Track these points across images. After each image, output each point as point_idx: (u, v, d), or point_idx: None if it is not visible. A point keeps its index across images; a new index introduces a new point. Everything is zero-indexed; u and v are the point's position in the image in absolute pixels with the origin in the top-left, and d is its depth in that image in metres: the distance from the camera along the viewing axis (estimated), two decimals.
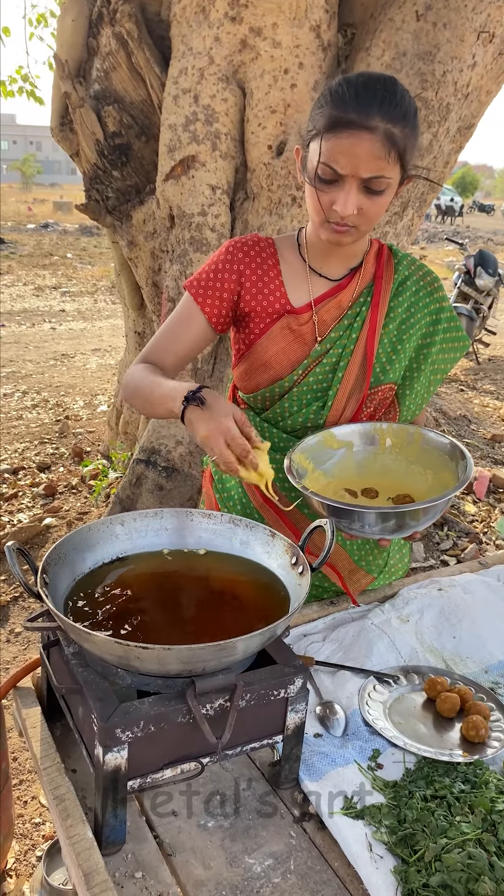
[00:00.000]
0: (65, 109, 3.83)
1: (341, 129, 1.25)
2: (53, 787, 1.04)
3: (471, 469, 1.37)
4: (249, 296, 1.49)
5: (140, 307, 4.33)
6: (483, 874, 0.94)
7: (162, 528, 1.30)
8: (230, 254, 1.49)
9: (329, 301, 1.49)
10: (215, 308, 1.48)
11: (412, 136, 1.30)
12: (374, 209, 1.32)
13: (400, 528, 1.30)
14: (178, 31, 3.25)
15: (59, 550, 1.14)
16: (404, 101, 1.27)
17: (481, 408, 6.73)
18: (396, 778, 1.13)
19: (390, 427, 1.52)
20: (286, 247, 1.52)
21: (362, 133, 1.24)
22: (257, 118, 3.20)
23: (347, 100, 1.25)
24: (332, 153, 1.27)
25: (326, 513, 1.31)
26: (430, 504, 1.27)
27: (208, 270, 1.49)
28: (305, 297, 1.49)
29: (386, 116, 1.24)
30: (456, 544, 4.07)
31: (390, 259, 1.55)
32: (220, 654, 0.95)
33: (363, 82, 1.26)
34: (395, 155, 1.27)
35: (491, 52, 3.13)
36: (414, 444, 1.50)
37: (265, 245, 1.51)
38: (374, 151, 1.25)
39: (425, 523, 1.32)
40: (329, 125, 1.26)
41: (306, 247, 1.51)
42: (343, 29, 3.29)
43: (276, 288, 1.49)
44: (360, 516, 1.28)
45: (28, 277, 13.30)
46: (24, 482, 4.61)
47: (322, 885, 0.97)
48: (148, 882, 0.96)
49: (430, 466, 1.47)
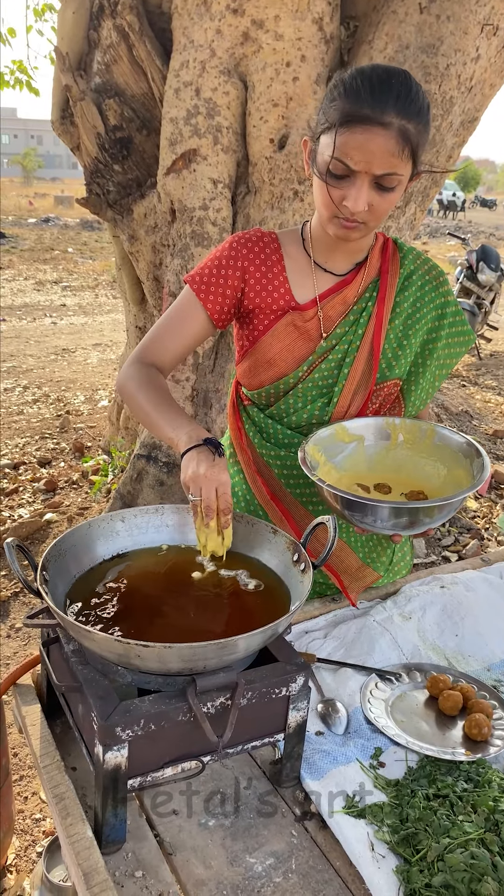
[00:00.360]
0: (65, 102, 3.81)
1: (355, 124, 1.22)
2: (53, 785, 1.03)
3: (487, 467, 1.35)
4: (253, 292, 1.46)
5: (141, 302, 4.31)
6: (486, 874, 0.93)
7: (163, 524, 1.29)
8: (234, 249, 1.46)
9: (334, 297, 1.47)
10: (217, 304, 1.46)
11: (425, 133, 1.27)
12: (385, 205, 1.30)
13: (413, 524, 1.29)
14: (179, 23, 3.23)
15: (58, 547, 1.13)
16: (419, 96, 1.24)
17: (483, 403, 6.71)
18: (398, 776, 1.13)
19: (403, 422, 1.50)
20: (290, 241, 1.50)
21: (377, 129, 1.21)
22: (259, 111, 3.18)
23: (362, 94, 1.21)
24: (345, 148, 1.24)
25: (340, 506, 1.30)
26: (446, 502, 1.26)
27: (211, 266, 1.46)
28: (310, 293, 1.47)
29: (401, 112, 1.21)
30: (457, 540, 4.07)
31: (396, 253, 1.53)
32: (221, 652, 0.94)
33: (378, 76, 1.23)
34: (408, 151, 1.25)
35: (495, 44, 3.11)
36: (427, 439, 1.49)
37: (269, 240, 1.48)
38: (389, 148, 1.22)
39: (439, 521, 1.31)
40: (343, 119, 1.23)
41: (311, 241, 1.48)
42: (346, 21, 3.26)
43: (280, 284, 1.47)
44: (373, 511, 1.27)
45: (29, 272, 13.27)
46: (25, 477, 4.60)
47: (323, 884, 0.97)
48: (148, 881, 0.95)
49: (444, 463, 1.45)
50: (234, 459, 1.64)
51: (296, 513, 1.56)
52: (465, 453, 1.42)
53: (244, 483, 1.61)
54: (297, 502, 1.56)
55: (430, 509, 1.27)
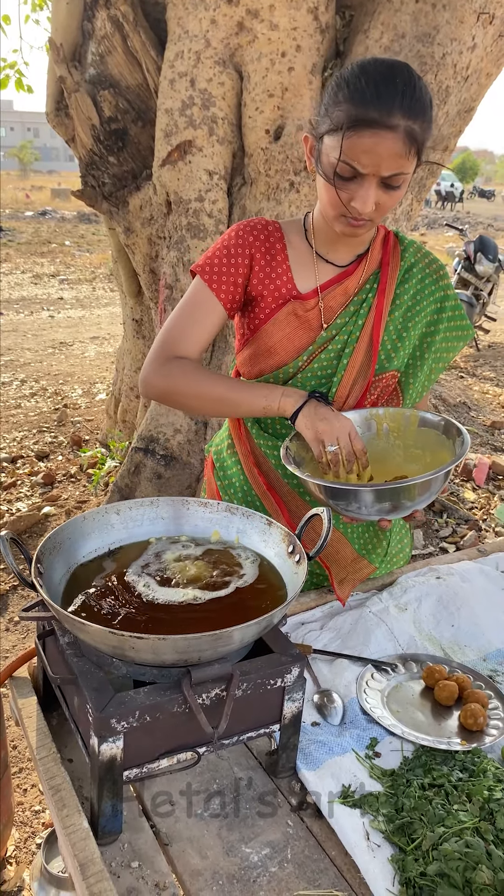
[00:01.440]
0: (60, 94, 3.79)
1: (363, 128, 1.21)
2: (49, 777, 1.03)
3: (467, 444, 1.36)
4: (257, 280, 1.47)
5: (137, 294, 4.30)
6: (480, 863, 0.94)
7: (158, 516, 1.29)
8: (241, 237, 1.46)
9: (335, 287, 1.48)
10: (229, 294, 1.46)
11: (429, 129, 1.27)
12: (390, 202, 1.31)
13: (396, 508, 1.29)
14: (174, 13, 3.21)
15: (53, 540, 1.13)
16: (423, 93, 1.24)
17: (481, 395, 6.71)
18: (394, 766, 1.13)
19: (387, 412, 1.51)
20: (293, 232, 1.50)
21: (384, 132, 1.21)
22: (255, 102, 3.17)
23: (368, 96, 1.20)
24: (352, 152, 1.23)
25: (323, 495, 1.31)
26: (424, 479, 1.26)
27: (220, 255, 1.45)
28: (312, 283, 1.48)
29: (407, 112, 1.21)
30: (455, 531, 4.07)
31: (397, 246, 1.53)
32: (216, 643, 0.94)
33: (382, 75, 1.22)
34: (414, 150, 1.25)
35: (491, 33, 3.09)
36: (411, 426, 1.49)
37: (273, 229, 1.49)
38: (396, 150, 1.22)
39: (423, 501, 1.31)
40: (350, 123, 1.22)
41: (313, 232, 1.49)
42: (341, 11, 3.25)
43: (283, 273, 1.47)
44: (356, 496, 1.28)
45: (26, 265, 13.24)
46: (23, 471, 4.60)
47: (319, 873, 0.97)
48: (144, 872, 0.96)
49: (428, 448, 1.46)
50: (233, 450, 1.64)
51: (291, 503, 1.56)
52: (448, 434, 1.43)
53: (242, 474, 1.62)
54: (295, 493, 1.56)
55: (411, 489, 1.27)
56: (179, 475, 3.61)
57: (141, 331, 4.45)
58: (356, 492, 1.28)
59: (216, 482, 1.68)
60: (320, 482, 1.29)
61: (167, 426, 3.61)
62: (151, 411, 3.68)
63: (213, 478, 1.70)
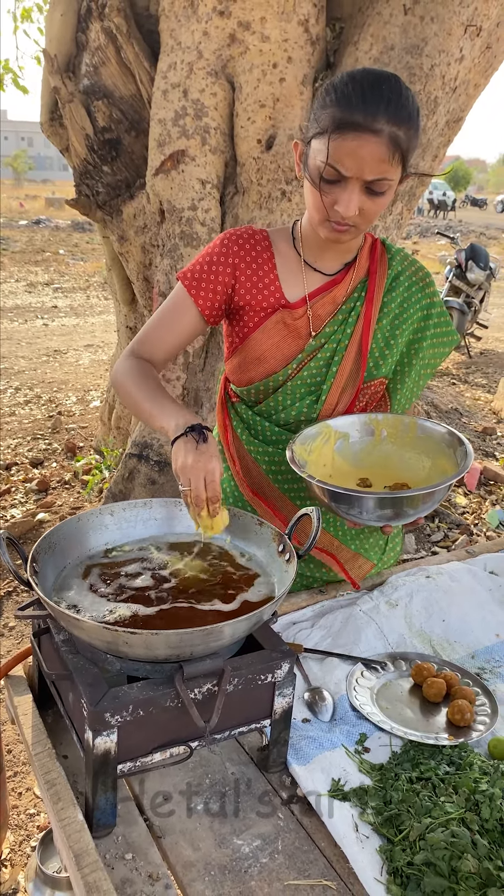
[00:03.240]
0: (54, 104, 3.83)
1: (347, 131, 1.23)
2: (45, 771, 1.05)
3: (471, 456, 1.37)
4: (244, 289, 1.48)
5: (131, 302, 4.33)
6: (466, 852, 0.96)
7: (151, 517, 1.31)
8: (225, 246, 1.48)
9: (324, 296, 1.49)
10: (208, 301, 1.48)
11: (415, 137, 1.29)
12: (375, 209, 1.33)
13: (398, 515, 1.32)
14: (166, 25, 3.25)
15: (48, 540, 1.15)
16: (409, 101, 1.26)
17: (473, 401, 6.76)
18: (383, 761, 1.15)
19: (386, 417, 1.53)
20: (281, 240, 1.52)
21: (368, 136, 1.23)
22: (246, 112, 3.21)
23: (353, 100, 1.23)
24: (337, 154, 1.26)
25: (328, 499, 1.33)
26: (429, 491, 1.29)
27: (202, 262, 1.48)
28: (300, 292, 1.49)
29: (392, 118, 1.23)
30: (447, 536, 4.10)
31: (384, 254, 1.55)
32: (207, 638, 0.97)
33: (369, 82, 1.25)
34: (398, 157, 1.27)
35: (478, 45, 3.14)
36: (410, 433, 1.51)
37: (260, 238, 1.50)
38: (380, 154, 1.24)
39: (425, 510, 1.33)
40: (335, 126, 1.24)
41: (301, 240, 1.50)
42: (331, 23, 3.30)
43: (270, 282, 1.49)
44: (360, 502, 1.30)
45: (20, 274, 13.26)
46: (17, 478, 4.61)
47: (309, 864, 0.99)
48: (138, 863, 0.98)
49: (428, 454, 1.48)
50: (221, 456, 1.67)
51: (283, 506, 1.59)
52: (448, 443, 1.45)
53: (231, 479, 1.64)
54: (286, 497, 1.58)
55: (415, 498, 1.29)
56: (173, 480, 3.63)
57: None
58: (360, 498, 1.30)
59: None
60: (325, 486, 1.31)
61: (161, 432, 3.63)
62: None
63: None
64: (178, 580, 1.17)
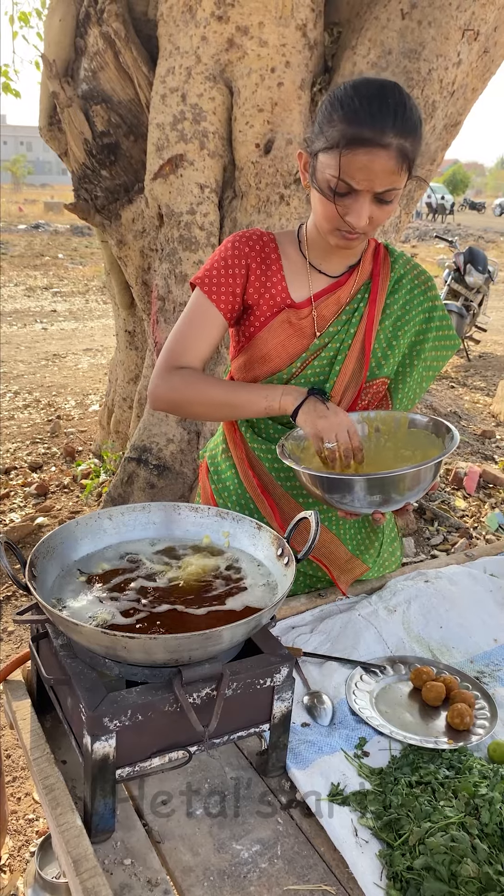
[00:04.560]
0: (53, 109, 3.84)
1: (358, 147, 1.26)
2: (43, 777, 1.05)
3: (456, 439, 1.39)
4: (253, 289, 1.51)
5: (130, 306, 4.34)
6: (466, 856, 0.96)
7: (149, 521, 1.31)
8: (237, 248, 1.51)
9: (328, 297, 1.52)
10: (228, 303, 1.50)
11: (419, 145, 1.33)
12: (383, 216, 1.36)
13: (387, 500, 1.33)
14: (165, 30, 3.26)
15: (47, 544, 1.15)
16: (413, 111, 1.30)
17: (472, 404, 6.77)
18: (382, 765, 1.15)
19: (378, 415, 1.54)
20: (287, 242, 1.55)
21: (378, 150, 1.26)
22: (245, 117, 3.22)
23: (361, 116, 1.26)
24: (348, 170, 1.29)
25: (316, 486, 1.34)
26: (415, 469, 1.29)
27: (217, 266, 1.50)
28: (305, 293, 1.52)
29: (399, 132, 1.26)
30: (446, 539, 4.10)
31: (387, 257, 1.58)
32: (206, 643, 0.96)
33: (375, 95, 1.27)
34: (406, 167, 1.31)
35: (476, 49, 3.15)
36: (401, 428, 1.53)
37: (268, 240, 1.54)
38: (389, 167, 1.28)
39: (413, 494, 1.34)
40: (345, 142, 1.27)
41: (307, 243, 1.53)
42: (329, 27, 3.31)
43: (277, 282, 1.51)
44: (349, 486, 1.31)
45: (19, 278, 13.28)
46: (16, 482, 4.61)
47: (308, 869, 0.99)
48: (137, 868, 0.98)
49: (419, 448, 1.49)
50: (227, 455, 1.68)
51: (285, 506, 1.60)
52: (437, 433, 1.47)
53: (236, 477, 1.65)
54: (288, 495, 1.59)
55: (402, 478, 1.30)
56: (172, 484, 3.63)
57: (134, 342, 4.48)
58: (347, 481, 1.31)
59: (211, 486, 1.71)
60: (312, 472, 1.32)
61: (160, 436, 3.63)
62: (144, 421, 3.70)
63: (207, 482, 1.73)
64: (176, 584, 1.17)
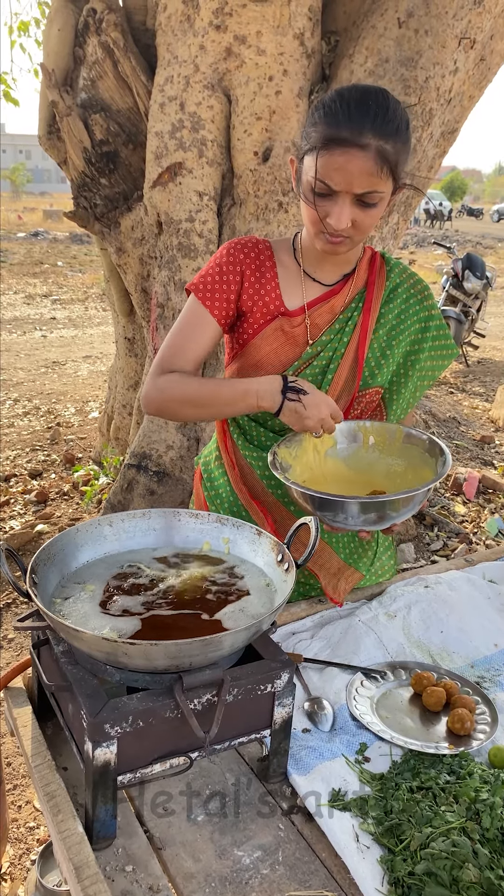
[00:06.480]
0: (52, 118, 3.86)
1: (334, 147, 1.27)
2: (44, 783, 1.05)
3: (448, 464, 1.40)
4: (247, 296, 1.51)
5: (130, 313, 4.35)
6: (467, 861, 0.96)
7: (150, 528, 1.32)
8: (232, 255, 1.51)
9: (322, 305, 1.52)
10: (222, 310, 1.50)
11: (404, 150, 1.32)
12: (368, 221, 1.35)
13: (380, 519, 1.33)
14: (163, 39, 3.28)
15: (48, 551, 1.16)
16: (396, 115, 1.29)
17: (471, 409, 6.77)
18: (383, 770, 1.15)
19: (373, 425, 1.54)
20: (282, 250, 1.55)
21: (354, 150, 1.26)
22: (243, 125, 3.23)
23: (340, 117, 1.27)
24: (325, 170, 1.29)
25: (309, 505, 1.34)
26: (409, 494, 1.30)
27: (213, 273, 1.51)
28: (299, 301, 1.52)
29: (378, 133, 1.26)
30: (446, 545, 4.10)
31: (383, 266, 1.58)
32: (206, 648, 0.97)
33: (355, 98, 1.28)
34: (387, 170, 1.30)
35: (472, 57, 3.17)
36: (396, 441, 1.53)
37: (263, 247, 1.54)
38: (367, 168, 1.28)
39: (404, 514, 1.35)
40: (323, 142, 1.28)
41: (301, 251, 1.53)
42: (326, 36, 3.33)
43: (271, 289, 1.51)
44: (342, 507, 1.31)
45: (19, 286, 13.30)
46: (16, 489, 4.61)
47: (310, 875, 0.99)
48: (138, 875, 0.98)
49: (412, 463, 1.49)
50: (220, 462, 1.68)
51: (277, 514, 1.59)
52: (431, 452, 1.47)
53: (228, 485, 1.65)
54: (279, 503, 1.59)
55: (395, 503, 1.31)
56: (172, 491, 3.63)
57: (133, 349, 4.49)
58: (340, 503, 1.31)
59: (204, 493, 1.72)
60: (306, 491, 1.32)
61: (159, 442, 3.64)
62: (144, 428, 3.71)
63: (200, 489, 1.73)
64: (176, 591, 1.17)
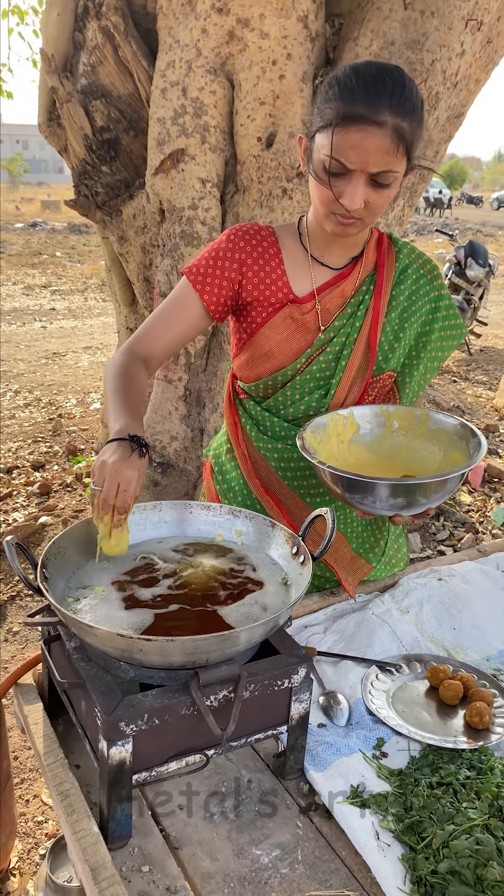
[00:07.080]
0: (52, 105, 3.81)
1: (351, 123, 1.22)
2: (58, 782, 1.03)
3: (483, 448, 1.35)
4: (251, 285, 1.47)
5: (131, 303, 4.31)
6: (491, 859, 0.94)
7: (161, 520, 1.29)
8: (231, 242, 1.47)
9: (332, 290, 1.48)
10: (214, 295, 1.46)
11: (419, 129, 1.28)
12: (381, 202, 1.31)
13: (410, 504, 1.29)
14: (164, 23, 3.23)
15: (58, 545, 1.13)
16: (413, 94, 1.25)
17: (474, 398, 6.74)
18: (402, 766, 1.13)
19: (397, 409, 1.51)
20: (287, 235, 1.51)
21: (372, 128, 1.22)
22: (246, 110, 3.18)
23: (357, 93, 1.22)
24: (341, 147, 1.24)
25: (340, 488, 1.30)
26: (443, 478, 1.26)
27: (208, 257, 1.47)
28: (308, 286, 1.49)
29: (395, 111, 1.22)
30: (452, 534, 4.08)
31: (391, 247, 1.54)
32: (223, 644, 0.94)
33: (372, 74, 1.24)
34: (402, 149, 1.26)
35: (479, 39, 3.12)
36: (422, 425, 1.49)
37: (266, 233, 1.50)
38: (384, 146, 1.23)
39: (437, 500, 1.31)
40: (338, 119, 1.23)
41: (308, 235, 1.49)
42: (331, 19, 3.27)
43: (278, 277, 1.48)
44: (373, 490, 1.27)
45: (17, 276, 13.23)
46: (19, 481, 4.59)
47: (330, 874, 0.97)
48: (155, 875, 0.95)
49: (440, 447, 1.46)
50: (231, 454, 1.65)
51: (292, 505, 1.57)
52: (461, 435, 1.43)
53: (241, 478, 1.62)
54: (295, 494, 1.56)
55: (427, 486, 1.27)
56: (176, 482, 3.61)
57: None
58: (373, 485, 1.27)
59: (215, 486, 1.69)
60: (336, 472, 1.28)
61: (163, 433, 3.61)
62: (147, 419, 3.68)
63: (212, 482, 1.70)
64: (190, 584, 1.15)
